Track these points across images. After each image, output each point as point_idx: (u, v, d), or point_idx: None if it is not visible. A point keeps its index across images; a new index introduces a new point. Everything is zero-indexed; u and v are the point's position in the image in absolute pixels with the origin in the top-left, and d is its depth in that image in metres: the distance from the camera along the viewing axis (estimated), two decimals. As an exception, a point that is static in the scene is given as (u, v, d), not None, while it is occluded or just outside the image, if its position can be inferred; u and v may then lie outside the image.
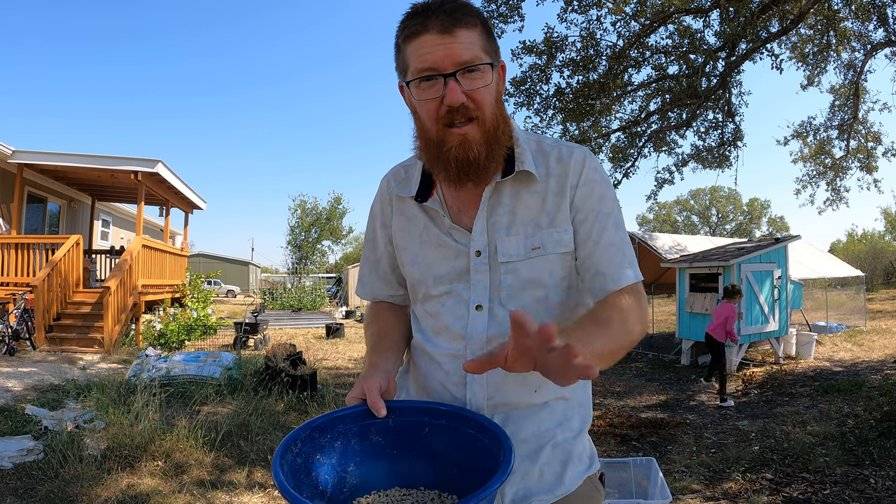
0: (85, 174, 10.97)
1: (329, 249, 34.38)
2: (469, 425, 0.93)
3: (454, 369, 1.03)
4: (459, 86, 0.89)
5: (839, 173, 11.09)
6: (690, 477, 3.95)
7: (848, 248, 32.51)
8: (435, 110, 0.92)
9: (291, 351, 6.49)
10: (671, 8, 8.53)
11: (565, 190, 1.00)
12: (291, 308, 17.34)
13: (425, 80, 0.90)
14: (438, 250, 1.05)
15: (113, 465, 3.66)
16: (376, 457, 0.94)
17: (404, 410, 0.95)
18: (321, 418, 0.91)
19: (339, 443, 0.92)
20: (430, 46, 0.88)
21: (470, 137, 0.92)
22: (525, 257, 0.99)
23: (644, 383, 7.51)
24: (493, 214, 1.01)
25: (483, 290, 1.01)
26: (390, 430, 0.94)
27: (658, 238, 12.64)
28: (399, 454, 0.95)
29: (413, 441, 0.95)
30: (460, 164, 0.93)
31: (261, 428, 4.57)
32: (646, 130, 10.20)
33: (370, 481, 0.93)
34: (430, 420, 0.95)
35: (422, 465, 0.95)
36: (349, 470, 0.92)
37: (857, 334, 11.07)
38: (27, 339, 8.12)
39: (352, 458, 0.93)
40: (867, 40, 9.17)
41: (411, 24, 0.90)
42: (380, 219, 1.15)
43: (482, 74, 0.91)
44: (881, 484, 3.59)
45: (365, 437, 0.94)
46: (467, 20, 0.89)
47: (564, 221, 1.00)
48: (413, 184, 1.08)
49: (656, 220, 52.76)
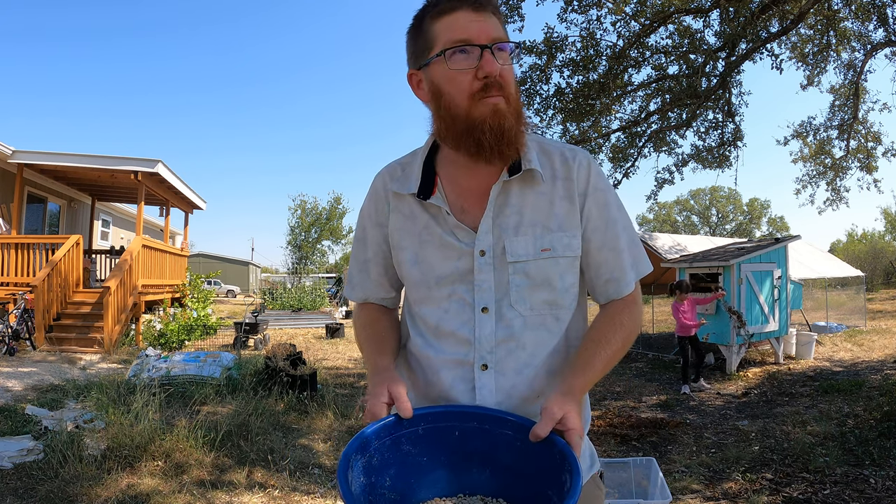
0: (85, 174, 10.97)
1: (329, 249, 34.44)
2: (506, 426, 0.92)
3: (461, 375, 1.01)
4: (495, 59, 0.91)
5: (839, 173, 11.10)
6: (690, 477, 3.94)
7: (848, 248, 32.51)
8: (469, 82, 0.91)
9: (291, 351, 6.48)
10: (671, 8, 8.53)
11: (573, 196, 1.01)
12: (291, 308, 17.32)
13: (460, 52, 0.91)
14: (441, 250, 1.02)
15: (113, 465, 3.66)
16: (411, 467, 0.92)
17: (431, 416, 0.94)
18: (362, 436, 0.88)
19: (377, 459, 0.89)
20: (464, 21, 0.91)
21: (502, 109, 0.92)
22: (535, 258, 0.99)
23: (644, 383, 7.51)
24: (500, 215, 1.00)
25: (488, 291, 0.99)
26: (420, 439, 0.92)
27: (658, 238, 12.65)
28: (431, 462, 0.93)
29: (445, 446, 0.93)
30: (495, 133, 0.92)
31: (261, 428, 4.57)
32: (646, 130, 10.20)
33: (408, 493, 0.92)
34: (460, 424, 0.94)
35: (461, 472, 0.94)
36: (386, 485, 0.90)
37: (857, 334, 11.07)
38: (27, 339, 8.12)
39: (387, 471, 0.90)
40: (867, 40, 9.17)
41: (443, 1, 0.93)
42: (373, 218, 1.11)
43: (509, 57, 0.94)
44: (881, 484, 3.59)
45: (398, 448, 0.91)
46: (494, 6, 0.94)
47: (573, 227, 1.00)
48: (412, 180, 1.05)
49: (656, 220, 52.76)
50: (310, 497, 3.50)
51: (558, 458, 0.85)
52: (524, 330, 1.00)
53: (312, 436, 4.71)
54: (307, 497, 3.50)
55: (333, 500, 3.48)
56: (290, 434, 4.70)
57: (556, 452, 0.86)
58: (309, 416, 5.19)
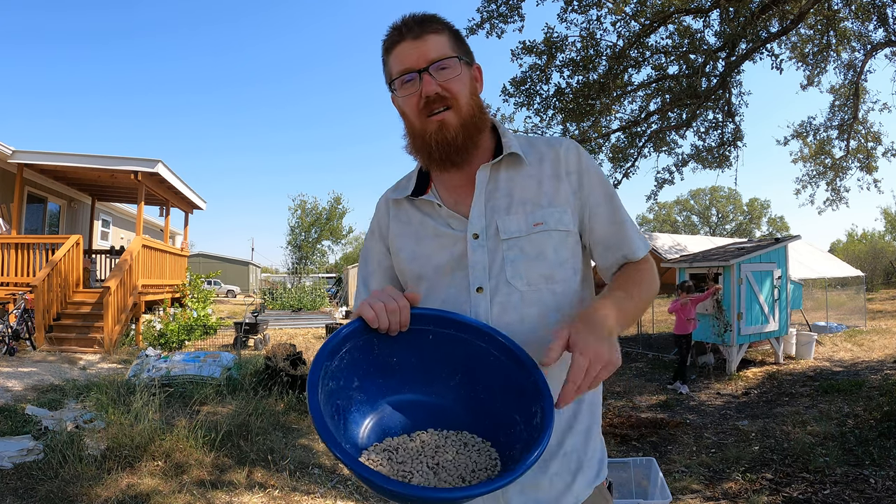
0: (85, 174, 10.97)
1: (329, 249, 34.42)
2: (483, 339, 0.93)
3: None
4: (433, 79, 1.01)
5: (839, 173, 11.09)
6: (690, 477, 3.95)
7: (848, 248, 32.50)
8: (416, 104, 1.03)
9: (291, 351, 6.48)
10: (671, 8, 8.53)
11: (561, 175, 1.07)
12: (291, 308, 17.32)
13: (405, 80, 1.03)
14: (436, 241, 1.07)
15: (113, 465, 3.66)
16: (380, 368, 0.93)
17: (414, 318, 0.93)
18: (334, 340, 0.88)
19: (346, 360, 0.89)
20: (405, 51, 1.03)
21: (447, 122, 1.02)
22: (527, 233, 1.03)
23: (644, 383, 7.51)
24: (491, 198, 1.06)
25: (482, 271, 1.02)
26: (392, 340, 0.92)
27: (658, 238, 12.66)
28: (401, 363, 0.93)
29: (416, 349, 0.94)
30: (440, 146, 1.03)
31: (261, 428, 4.57)
32: (646, 130, 10.20)
33: (376, 394, 0.92)
34: (436, 328, 0.94)
35: (430, 376, 0.94)
36: (353, 385, 0.90)
37: (857, 334, 11.06)
38: (27, 339, 8.12)
39: (355, 372, 0.90)
40: (867, 40, 9.17)
41: (390, 37, 1.05)
42: (375, 232, 1.19)
43: (452, 68, 1.03)
44: (881, 484, 3.59)
45: (369, 350, 0.92)
46: (434, 27, 1.04)
47: (563, 203, 1.05)
48: (409, 186, 1.13)
49: (656, 220, 52.76)
50: (310, 497, 3.50)
51: (531, 388, 0.85)
52: (521, 306, 1.01)
53: (312, 436, 4.71)
54: (307, 497, 3.50)
55: (333, 500, 3.48)
56: (290, 434, 4.70)
57: (530, 384, 0.85)
58: (309, 416, 5.18)
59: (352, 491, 3.64)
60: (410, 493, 0.72)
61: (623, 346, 10.97)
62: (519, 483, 0.95)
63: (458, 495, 0.71)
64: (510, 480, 0.72)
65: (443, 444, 0.87)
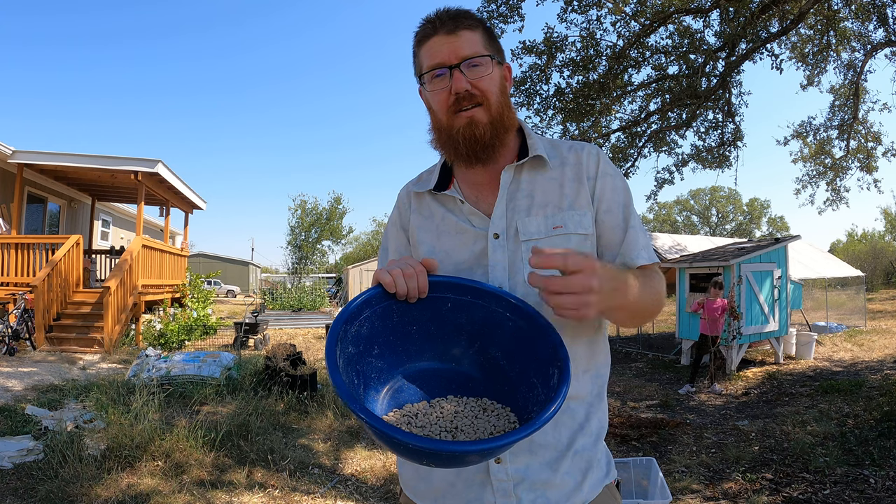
0: (85, 174, 10.97)
1: (329, 249, 34.47)
2: (501, 304, 0.93)
3: None
4: (464, 76, 1.00)
5: (839, 173, 11.10)
6: (690, 477, 3.94)
7: (848, 248, 32.52)
8: (445, 100, 1.03)
9: (291, 351, 6.48)
10: (671, 8, 8.53)
11: (582, 179, 1.07)
12: (291, 308, 17.32)
13: (436, 75, 1.03)
14: (457, 237, 1.07)
15: (113, 465, 3.66)
16: (399, 336, 0.93)
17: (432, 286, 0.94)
18: (352, 305, 0.88)
19: (366, 327, 0.89)
20: (438, 46, 1.02)
21: (476, 119, 1.02)
22: (547, 235, 1.03)
23: (644, 383, 7.51)
24: (512, 199, 1.06)
25: (502, 272, 1.03)
26: (411, 308, 0.93)
27: (658, 238, 12.65)
28: (420, 331, 0.94)
29: (436, 316, 0.94)
30: (468, 142, 1.03)
31: (261, 428, 4.57)
32: (646, 130, 10.21)
33: (396, 362, 0.93)
34: (454, 296, 0.94)
35: (449, 343, 0.95)
36: (374, 352, 0.91)
37: (857, 334, 11.06)
38: (27, 339, 8.12)
39: (375, 339, 0.91)
40: (867, 40, 9.17)
41: (423, 29, 1.05)
42: (396, 223, 1.19)
43: (484, 66, 1.03)
44: (881, 484, 3.58)
45: (388, 317, 0.92)
46: (468, 23, 1.03)
47: (583, 206, 1.05)
48: (432, 180, 1.14)
49: (656, 220, 52.76)
50: (310, 497, 3.50)
51: (549, 350, 0.86)
52: (538, 308, 1.01)
53: (312, 436, 4.71)
54: (307, 497, 3.50)
55: (333, 500, 3.48)
56: (290, 434, 4.70)
57: (549, 345, 0.86)
58: (309, 416, 5.19)
59: (352, 491, 3.64)
60: (430, 446, 0.72)
61: (623, 346, 11.02)
62: (529, 481, 0.97)
63: (471, 448, 0.72)
64: (527, 434, 0.73)
65: (462, 410, 0.88)
